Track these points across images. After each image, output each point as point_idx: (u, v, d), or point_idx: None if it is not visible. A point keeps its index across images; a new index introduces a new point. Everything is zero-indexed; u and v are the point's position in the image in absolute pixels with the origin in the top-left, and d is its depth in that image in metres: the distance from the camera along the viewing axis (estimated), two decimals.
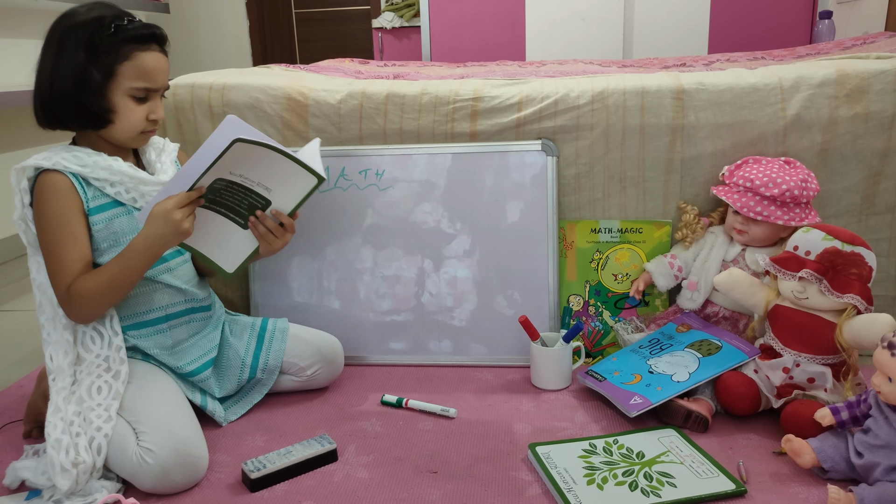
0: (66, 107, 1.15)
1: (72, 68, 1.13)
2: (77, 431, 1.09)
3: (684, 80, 1.50)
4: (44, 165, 1.16)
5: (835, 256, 1.20)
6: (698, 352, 1.33)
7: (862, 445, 1.04)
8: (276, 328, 1.40)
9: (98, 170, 1.18)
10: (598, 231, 1.53)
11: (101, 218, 1.20)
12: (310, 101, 1.57)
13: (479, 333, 1.54)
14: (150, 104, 1.20)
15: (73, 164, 1.17)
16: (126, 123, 1.18)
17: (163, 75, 1.20)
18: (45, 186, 1.16)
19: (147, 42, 1.17)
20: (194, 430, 1.16)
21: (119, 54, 1.14)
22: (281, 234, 1.27)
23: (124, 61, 1.15)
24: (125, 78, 1.15)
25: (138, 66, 1.16)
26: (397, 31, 3.92)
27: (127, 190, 1.22)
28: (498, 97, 1.53)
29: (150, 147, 1.31)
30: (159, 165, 1.30)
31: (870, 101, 1.43)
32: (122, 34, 1.14)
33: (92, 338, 1.21)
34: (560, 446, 1.19)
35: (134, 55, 1.15)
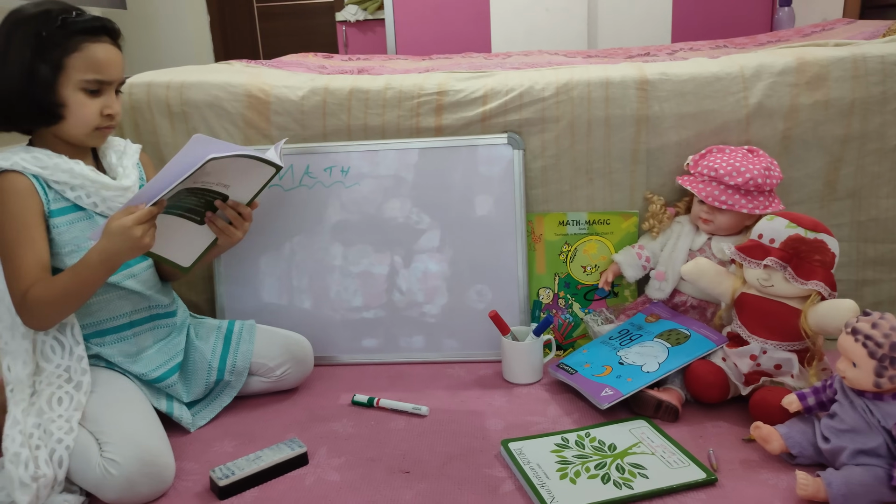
0: (15, 104, 1.11)
1: (19, 64, 1.09)
2: (37, 444, 1.06)
3: (648, 71, 1.50)
4: (2, 166, 1.12)
5: (798, 244, 1.21)
6: (667, 341, 1.34)
7: (828, 430, 1.06)
8: (243, 329, 1.38)
9: (58, 172, 1.15)
10: (566, 223, 1.53)
11: (61, 221, 1.16)
12: (272, 98, 1.54)
13: (450, 328, 1.53)
14: (103, 98, 1.16)
15: (33, 165, 1.13)
16: (79, 119, 1.15)
17: (115, 68, 1.17)
18: (3, 188, 1.12)
19: (97, 34, 1.14)
20: (160, 438, 1.13)
21: (68, 46, 1.11)
22: (240, 224, 1.26)
23: (73, 53, 1.11)
24: (75, 70, 1.12)
25: (88, 57, 1.13)
26: (361, 25, 3.88)
27: (87, 195, 1.18)
28: (462, 91, 1.52)
29: (110, 149, 1.27)
30: (121, 169, 1.26)
31: (829, 89, 1.45)
32: (71, 27, 1.11)
33: (52, 347, 1.17)
34: (532, 441, 1.19)
35: (83, 47, 1.12)
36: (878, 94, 1.44)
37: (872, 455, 1.00)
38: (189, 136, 1.54)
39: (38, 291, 1.11)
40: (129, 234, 1.06)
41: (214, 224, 1.24)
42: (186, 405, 1.31)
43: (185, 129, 1.55)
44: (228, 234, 1.25)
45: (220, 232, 1.24)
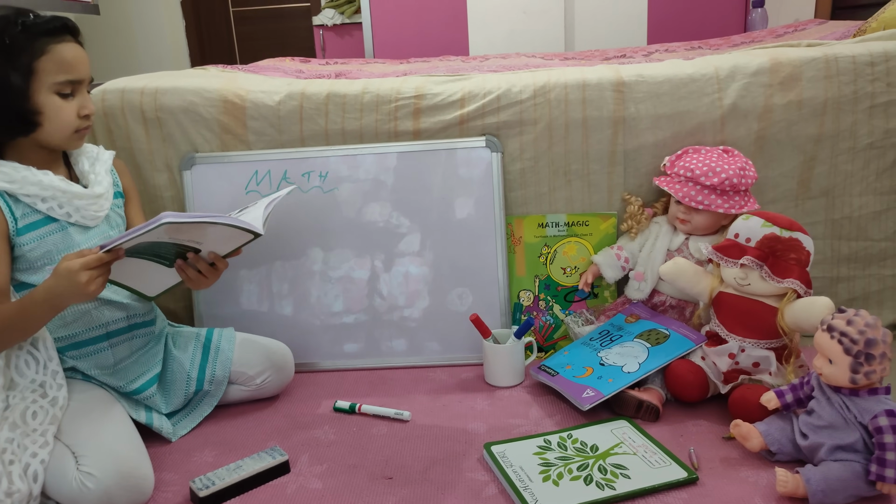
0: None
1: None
2: (10, 459, 1.04)
3: (624, 73, 1.51)
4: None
5: (774, 242, 1.22)
6: (647, 341, 1.35)
7: (806, 427, 1.07)
8: (221, 338, 1.36)
9: (28, 185, 1.13)
10: (545, 225, 1.54)
11: (32, 237, 1.14)
12: (247, 104, 1.53)
13: (432, 332, 1.53)
14: (78, 99, 1.15)
15: (1, 181, 1.11)
16: (57, 123, 1.13)
17: (84, 66, 1.15)
18: None
19: (60, 34, 1.12)
20: (138, 450, 1.12)
21: (34, 50, 1.09)
22: (211, 274, 1.20)
23: (41, 56, 1.09)
24: (46, 73, 1.10)
25: (57, 58, 1.10)
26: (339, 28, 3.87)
27: (60, 205, 1.16)
28: (440, 94, 1.52)
29: (82, 156, 1.25)
30: (93, 176, 1.24)
31: (802, 89, 1.46)
32: (33, 29, 1.09)
33: (26, 361, 1.15)
34: (515, 444, 1.18)
35: (49, 48, 1.10)
36: (850, 94, 1.46)
37: (850, 450, 1.01)
38: (164, 142, 1.53)
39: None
40: (74, 279, 1.02)
41: (183, 271, 1.18)
42: (166, 415, 1.29)
43: (160, 135, 1.54)
44: (196, 282, 1.20)
45: (187, 279, 1.19)
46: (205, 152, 1.54)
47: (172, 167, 1.55)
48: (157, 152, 1.54)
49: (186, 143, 1.54)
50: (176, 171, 1.55)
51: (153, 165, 1.54)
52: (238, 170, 1.52)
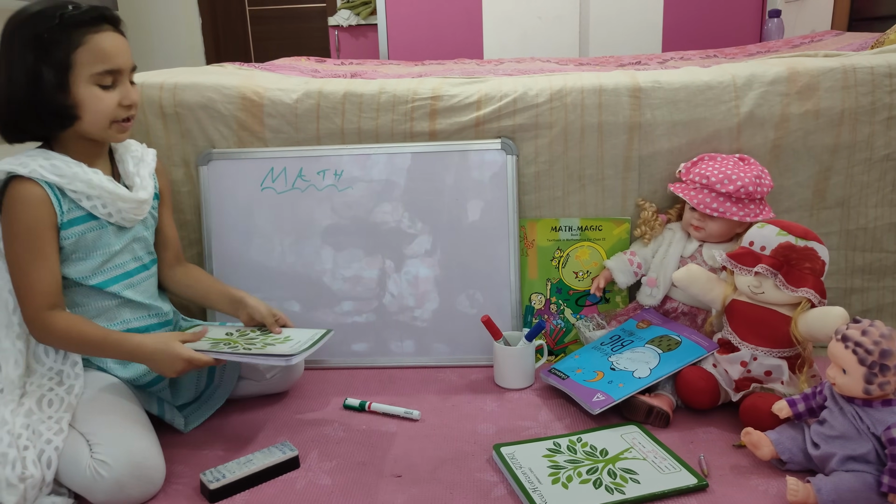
0: (26, 113, 1.09)
1: (23, 70, 1.07)
2: (25, 445, 1.05)
3: (640, 79, 1.51)
4: (19, 172, 1.09)
5: (789, 251, 1.22)
6: (658, 347, 1.35)
7: (818, 436, 1.06)
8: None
9: (77, 182, 1.13)
10: (558, 229, 1.54)
11: (72, 232, 1.15)
12: (265, 101, 1.54)
13: (441, 333, 1.53)
14: (120, 89, 1.13)
15: (51, 174, 1.11)
16: (96, 114, 1.12)
17: (124, 55, 1.13)
18: (17, 196, 1.10)
19: (98, 24, 1.11)
20: (151, 441, 1.12)
21: (71, 42, 1.08)
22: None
23: (78, 48, 1.08)
24: (84, 65, 1.09)
25: (94, 48, 1.09)
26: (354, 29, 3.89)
27: (104, 205, 1.16)
28: (457, 96, 1.52)
29: (128, 154, 1.25)
30: (138, 180, 1.24)
31: (820, 99, 1.46)
32: (70, 21, 1.08)
33: (45, 350, 1.16)
34: (524, 446, 1.19)
35: (87, 39, 1.09)
36: (868, 105, 1.46)
37: (862, 461, 1.01)
38: (182, 137, 1.54)
39: (59, 323, 1.11)
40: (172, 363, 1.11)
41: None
42: (178, 408, 1.30)
43: (178, 130, 1.55)
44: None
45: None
46: (222, 148, 1.55)
47: (189, 162, 1.56)
48: (175, 147, 1.55)
49: (204, 138, 1.55)
50: (193, 167, 1.56)
51: (170, 160, 1.55)
52: (254, 166, 1.53)
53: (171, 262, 1.36)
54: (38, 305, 1.11)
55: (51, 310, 1.11)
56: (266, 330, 1.27)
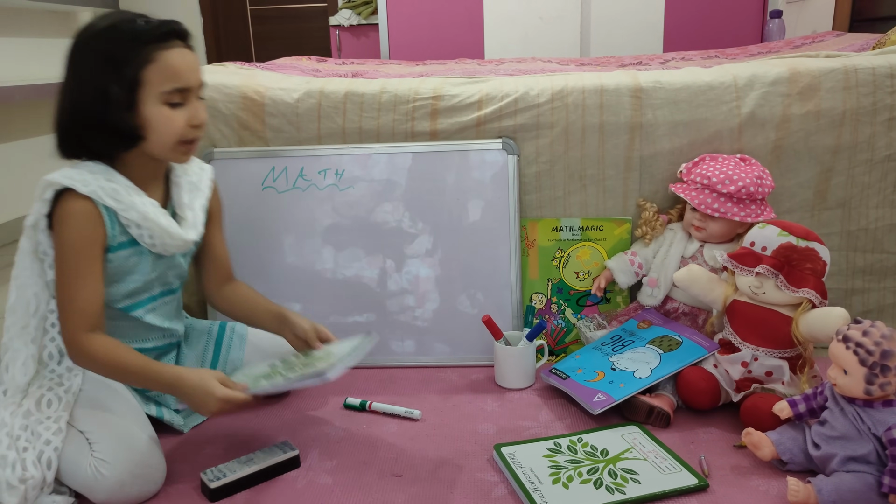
0: (91, 132, 1.06)
1: (93, 90, 1.04)
2: (24, 446, 1.05)
3: (642, 79, 1.51)
4: (78, 189, 1.06)
5: (790, 252, 1.22)
6: (659, 348, 1.35)
7: (819, 437, 1.06)
8: (233, 335, 1.37)
9: (132, 211, 1.10)
10: (559, 229, 1.54)
11: (116, 256, 1.13)
12: (266, 100, 1.54)
13: (442, 333, 1.53)
14: (188, 108, 1.09)
15: (109, 198, 1.07)
16: (163, 135, 1.07)
17: (194, 72, 1.09)
18: (73, 210, 1.07)
19: (167, 39, 1.06)
20: (151, 440, 1.12)
21: (140, 59, 1.03)
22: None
23: (147, 65, 1.04)
24: (153, 83, 1.04)
25: (164, 66, 1.05)
26: (355, 29, 3.89)
27: (151, 236, 1.13)
28: (458, 96, 1.52)
29: (185, 178, 1.21)
30: (190, 213, 1.20)
31: (821, 99, 1.46)
32: (141, 37, 1.04)
33: (51, 354, 1.14)
34: (525, 446, 1.19)
35: (156, 56, 1.04)
36: (869, 106, 1.46)
37: (862, 462, 1.01)
38: None
39: (98, 347, 1.07)
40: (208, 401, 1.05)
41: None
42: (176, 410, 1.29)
43: None
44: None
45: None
46: (223, 147, 1.55)
47: None
48: None
49: (205, 138, 1.54)
50: None
51: None
52: (255, 165, 1.53)
53: (220, 282, 1.32)
54: (78, 325, 1.07)
55: (91, 332, 1.08)
56: (309, 352, 1.22)
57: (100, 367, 1.09)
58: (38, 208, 1.09)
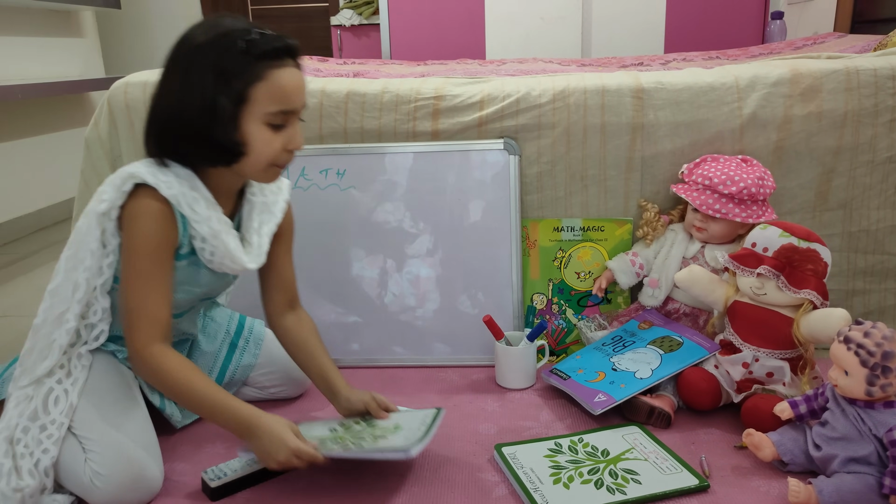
0: (191, 142, 1.01)
1: (200, 99, 0.98)
2: (22, 453, 1.02)
3: (643, 80, 1.51)
4: (161, 190, 1.01)
5: (791, 253, 1.22)
6: (660, 348, 1.35)
7: (820, 438, 1.06)
8: (250, 337, 1.35)
9: (204, 226, 1.05)
10: (560, 229, 1.54)
11: (176, 265, 1.09)
12: None
13: (442, 333, 1.53)
14: (288, 131, 1.04)
15: (187, 208, 1.03)
16: (259, 156, 1.03)
17: (301, 95, 1.04)
18: (152, 209, 1.02)
19: (281, 57, 1.00)
20: (149, 447, 1.09)
21: (251, 75, 0.98)
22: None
23: (257, 82, 0.98)
24: (259, 102, 0.99)
25: (274, 86, 0.99)
26: (356, 29, 3.89)
27: (212, 253, 1.09)
28: (459, 96, 1.52)
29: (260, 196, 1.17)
30: (256, 238, 1.15)
31: (822, 100, 1.46)
32: (253, 51, 0.98)
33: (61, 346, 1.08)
34: (526, 446, 1.19)
35: (268, 74, 0.99)
36: (871, 107, 1.46)
37: (863, 463, 1.01)
38: None
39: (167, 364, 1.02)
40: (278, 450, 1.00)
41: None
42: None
43: None
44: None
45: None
46: None
47: None
48: None
49: None
50: None
51: None
52: None
53: (283, 308, 1.25)
54: (150, 336, 1.02)
55: (161, 343, 1.03)
56: (369, 417, 1.18)
57: (166, 385, 1.04)
58: (114, 198, 1.03)
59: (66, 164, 3.28)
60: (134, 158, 1.55)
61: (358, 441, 1.10)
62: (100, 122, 1.59)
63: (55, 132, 3.27)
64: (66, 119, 3.35)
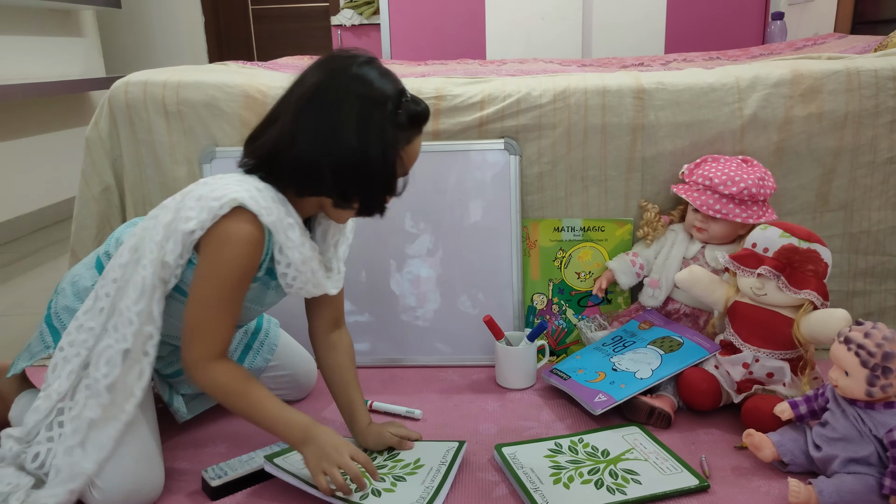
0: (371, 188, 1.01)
1: (383, 146, 0.98)
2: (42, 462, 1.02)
3: (644, 80, 1.51)
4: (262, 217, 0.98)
5: (792, 253, 1.22)
6: (660, 348, 1.35)
7: (820, 438, 1.06)
8: (266, 340, 1.34)
9: (295, 252, 1.03)
10: (560, 230, 1.54)
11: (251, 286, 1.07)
12: (269, 99, 1.54)
13: (443, 333, 1.53)
14: None
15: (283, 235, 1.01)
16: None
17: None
18: (246, 236, 0.98)
19: (423, 125, 1.03)
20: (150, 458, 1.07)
21: (406, 137, 1.01)
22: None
23: (406, 145, 1.01)
24: (399, 166, 1.01)
25: (412, 153, 1.03)
26: (356, 29, 3.89)
27: (294, 279, 1.06)
28: (460, 96, 1.52)
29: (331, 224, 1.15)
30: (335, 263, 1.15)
31: (823, 101, 1.46)
32: (411, 113, 1.00)
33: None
34: (526, 446, 1.19)
35: (413, 139, 1.02)
36: (871, 108, 1.46)
37: (864, 464, 1.01)
38: (184, 135, 1.55)
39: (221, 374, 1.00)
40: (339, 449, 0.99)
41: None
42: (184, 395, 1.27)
43: (181, 128, 1.55)
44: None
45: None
46: (225, 146, 1.55)
47: (192, 160, 1.56)
48: (178, 145, 1.55)
49: (206, 136, 1.55)
50: (195, 164, 1.56)
51: (173, 158, 1.56)
52: None
53: (328, 326, 1.21)
54: (209, 353, 1.00)
55: (220, 358, 1.01)
56: (391, 448, 1.17)
57: (220, 396, 1.02)
58: (205, 219, 0.97)
59: (66, 163, 3.28)
60: (134, 158, 1.57)
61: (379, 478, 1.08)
62: (100, 121, 1.59)
63: (55, 132, 3.27)
64: (66, 118, 3.35)
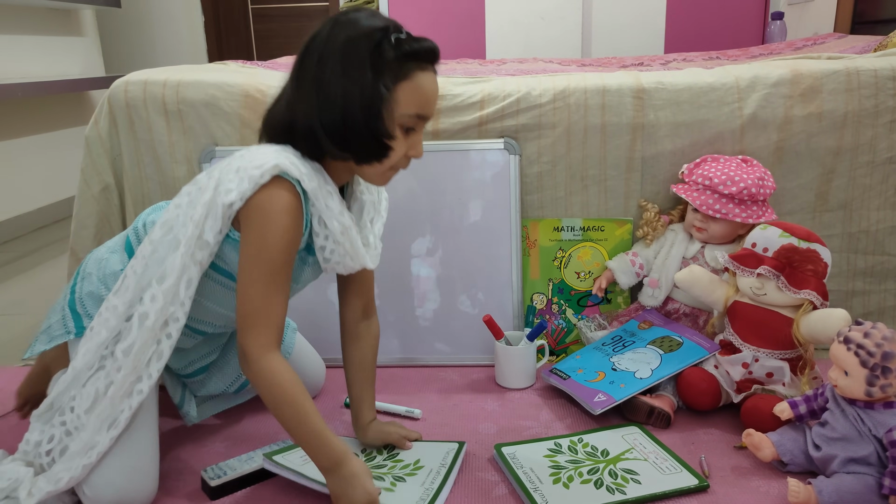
0: (358, 136, 0.94)
1: (360, 89, 0.92)
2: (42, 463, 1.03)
3: (644, 80, 1.51)
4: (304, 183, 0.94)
5: (792, 253, 1.22)
6: (660, 348, 1.35)
7: (819, 438, 1.06)
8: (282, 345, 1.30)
9: (335, 222, 0.98)
10: (560, 229, 1.54)
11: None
12: (269, 99, 1.52)
13: (442, 333, 1.53)
14: (413, 137, 0.98)
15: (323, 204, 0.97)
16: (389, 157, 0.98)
17: (436, 102, 0.99)
18: (289, 206, 0.94)
19: (427, 60, 0.96)
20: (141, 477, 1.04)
21: (399, 73, 0.93)
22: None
23: (403, 82, 0.94)
24: (401, 103, 0.94)
25: (417, 89, 0.95)
26: None
27: (332, 252, 1.02)
28: (460, 95, 1.52)
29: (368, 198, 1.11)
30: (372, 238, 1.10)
31: (823, 101, 1.46)
32: (404, 48, 0.93)
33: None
34: (525, 446, 1.19)
35: (413, 75, 0.94)
36: (871, 108, 1.46)
37: (863, 463, 1.01)
38: (184, 134, 1.54)
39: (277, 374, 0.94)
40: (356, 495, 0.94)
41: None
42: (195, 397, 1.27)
43: (181, 127, 1.55)
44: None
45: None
46: (225, 146, 1.55)
47: (192, 159, 1.56)
48: (178, 144, 1.55)
49: (206, 136, 1.55)
50: (195, 164, 1.56)
51: (173, 157, 1.56)
52: None
53: (359, 315, 1.18)
54: (269, 341, 0.94)
55: (277, 350, 0.96)
56: (391, 447, 1.18)
57: (273, 397, 0.95)
58: (246, 188, 0.93)
59: (66, 162, 3.28)
60: (134, 157, 1.57)
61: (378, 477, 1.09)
62: (100, 120, 1.59)
63: (55, 131, 3.27)
64: (66, 118, 3.35)
